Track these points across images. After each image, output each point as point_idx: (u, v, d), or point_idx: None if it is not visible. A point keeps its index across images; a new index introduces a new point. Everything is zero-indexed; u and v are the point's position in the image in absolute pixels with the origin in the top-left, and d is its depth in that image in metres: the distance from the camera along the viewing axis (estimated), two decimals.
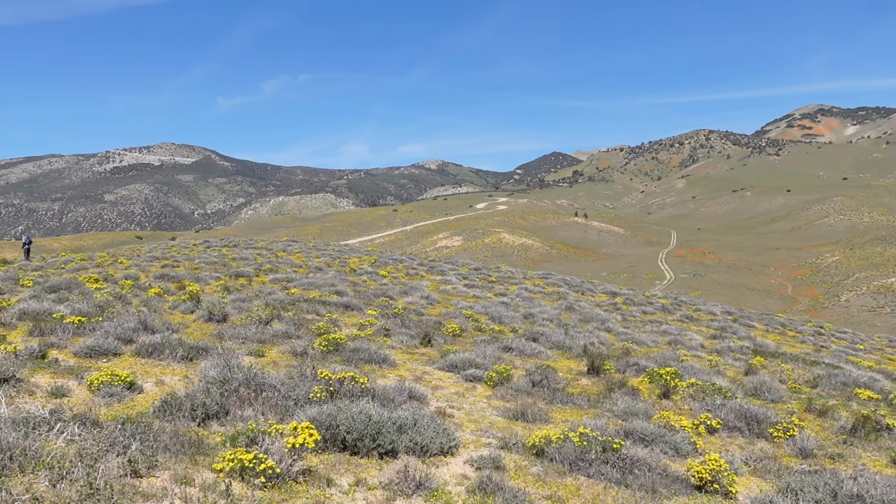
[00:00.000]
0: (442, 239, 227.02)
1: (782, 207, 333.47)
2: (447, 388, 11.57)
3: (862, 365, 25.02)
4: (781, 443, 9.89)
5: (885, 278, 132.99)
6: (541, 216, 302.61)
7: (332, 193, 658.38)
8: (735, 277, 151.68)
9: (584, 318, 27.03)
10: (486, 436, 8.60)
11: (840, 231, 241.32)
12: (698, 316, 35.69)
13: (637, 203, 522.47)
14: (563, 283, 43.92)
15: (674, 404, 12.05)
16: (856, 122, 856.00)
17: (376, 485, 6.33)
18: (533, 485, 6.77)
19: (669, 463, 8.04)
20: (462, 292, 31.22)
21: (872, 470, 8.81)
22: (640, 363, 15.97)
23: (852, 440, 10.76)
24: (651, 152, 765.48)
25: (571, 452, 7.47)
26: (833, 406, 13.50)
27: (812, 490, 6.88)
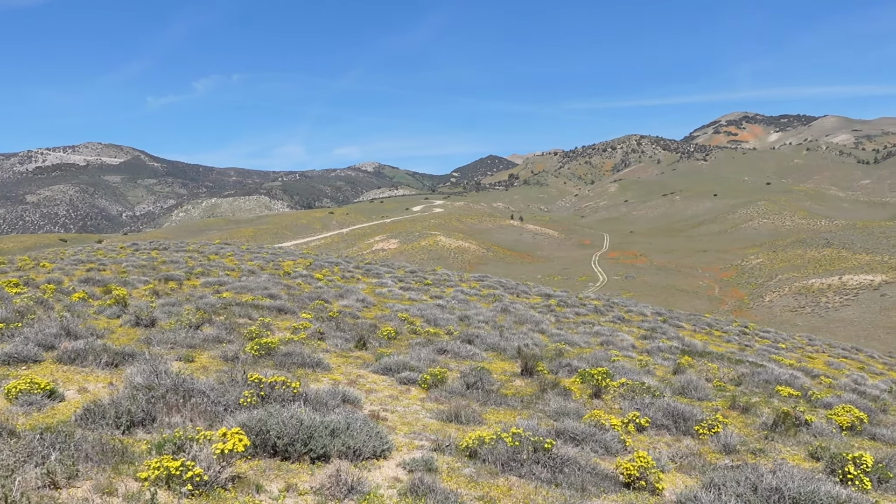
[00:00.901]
0: (378, 242, 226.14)
1: (710, 211, 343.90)
2: (381, 391, 11.53)
3: (783, 363, 25.99)
4: (706, 439, 10.19)
5: (806, 279, 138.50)
6: (477, 219, 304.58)
7: (266, 195, 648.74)
8: (665, 279, 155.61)
9: (519, 319, 27.31)
10: (419, 438, 8.61)
11: (764, 234, 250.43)
12: (630, 317, 36.46)
13: (571, 206, 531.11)
14: (499, 285, 44.29)
15: (604, 404, 12.29)
16: (778, 129, 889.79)
17: (307, 490, 6.26)
18: (465, 486, 6.80)
19: (599, 461, 8.19)
20: (398, 295, 31.16)
21: (791, 464, 9.16)
22: (572, 364, 16.23)
23: (773, 435, 11.15)
24: (585, 156, 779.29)
25: (504, 453, 7.54)
26: (756, 403, 13.98)
27: (734, 485, 7.11)
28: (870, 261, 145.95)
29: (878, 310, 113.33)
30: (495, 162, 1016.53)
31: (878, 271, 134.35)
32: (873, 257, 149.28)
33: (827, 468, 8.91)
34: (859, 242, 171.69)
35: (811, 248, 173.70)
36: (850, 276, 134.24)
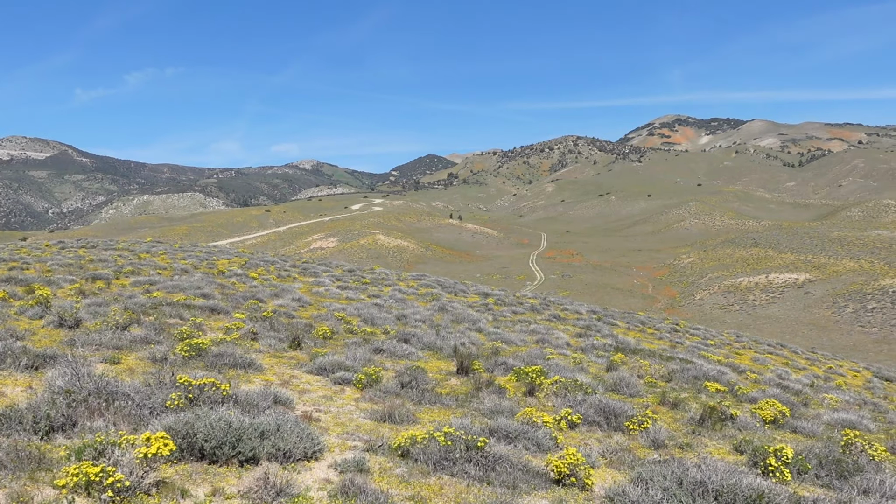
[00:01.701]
0: (316, 240, 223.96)
1: (644, 211, 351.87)
2: (315, 391, 11.40)
3: (712, 359, 26.73)
4: (636, 435, 10.39)
5: (734, 278, 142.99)
6: (416, 218, 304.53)
7: (201, 193, 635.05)
8: (601, 278, 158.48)
9: (457, 318, 27.40)
10: (352, 439, 8.54)
11: (695, 234, 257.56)
12: (565, 315, 36.98)
13: (510, 206, 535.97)
14: (437, 284, 44.36)
15: (538, 401, 12.42)
16: (709, 132, 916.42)
17: (234, 494, 6.13)
18: (396, 486, 6.77)
19: (531, 458, 8.26)
20: (335, 294, 30.90)
21: (716, 457, 9.42)
22: (508, 362, 16.36)
23: (700, 430, 11.45)
24: (523, 156, 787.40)
25: (436, 452, 7.54)
26: (684, 398, 14.34)
27: (661, 479, 7.27)
28: (794, 260, 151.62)
29: (802, 307, 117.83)
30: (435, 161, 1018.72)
31: (802, 270, 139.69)
32: (797, 257, 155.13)
33: (750, 461, 9.19)
34: (785, 242, 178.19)
35: (740, 248, 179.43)
36: (776, 274, 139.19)
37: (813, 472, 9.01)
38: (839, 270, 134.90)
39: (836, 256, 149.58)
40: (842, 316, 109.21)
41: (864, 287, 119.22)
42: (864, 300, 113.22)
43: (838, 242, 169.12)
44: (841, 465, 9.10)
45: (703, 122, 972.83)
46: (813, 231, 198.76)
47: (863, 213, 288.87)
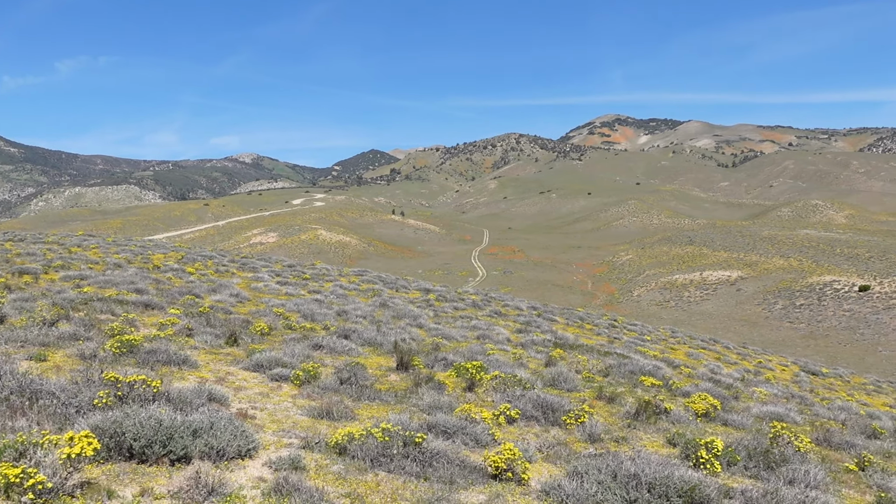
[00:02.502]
0: (256, 235, 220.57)
1: (584, 209, 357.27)
2: (251, 388, 11.20)
3: (648, 354, 27.32)
4: (573, 429, 10.51)
5: (671, 275, 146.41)
6: (358, 213, 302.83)
7: (136, 185, 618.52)
8: (542, 274, 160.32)
9: (398, 314, 27.32)
10: (288, 436, 8.41)
11: (633, 232, 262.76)
12: (506, 311, 37.27)
13: (452, 202, 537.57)
14: (379, 280, 44.18)
15: (477, 397, 12.46)
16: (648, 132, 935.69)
17: (164, 494, 5.96)
18: (332, 483, 6.69)
19: (469, 454, 8.28)
20: (274, 290, 30.47)
21: (649, 451, 9.61)
22: (448, 358, 16.38)
23: (635, 424, 11.66)
24: (466, 153, 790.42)
25: (374, 449, 7.48)
26: (621, 393, 14.59)
27: (595, 472, 7.37)
28: (727, 258, 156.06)
29: (734, 303, 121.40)
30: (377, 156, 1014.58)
31: (735, 268, 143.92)
32: (730, 254, 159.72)
33: (682, 453, 9.40)
34: (718, 241, 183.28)
35: (676, 246, 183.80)
36: (710, 272, 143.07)
37: (742, 464, 9.26)
38: (770, 268, 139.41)
39: (766, 255, 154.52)
40: (772, 312, 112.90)
41: (793, 284, 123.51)
42: (792, 297, 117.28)
43: (769, 241, 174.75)
44: (768, 457, 9.38)
45: (641, 122, 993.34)
46: (745, 230, 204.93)
47: (792, 212, 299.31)
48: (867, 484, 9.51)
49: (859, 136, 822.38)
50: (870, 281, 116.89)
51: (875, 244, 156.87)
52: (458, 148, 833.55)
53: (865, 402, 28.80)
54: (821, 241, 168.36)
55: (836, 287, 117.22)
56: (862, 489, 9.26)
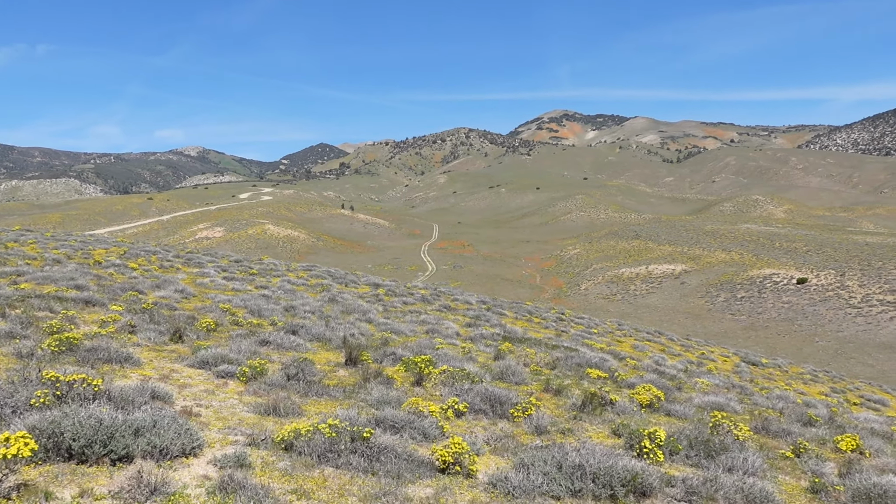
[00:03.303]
0: (202, 230, 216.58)
1: (533, 204, 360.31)
2: (196, 385, 11.02)
3: (595, 347, 27.75)
4: (520, 422, 10.62)
5: (617, 269, 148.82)
6: (307, 208, 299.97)
7: (76, 179, 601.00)
8: (491, 269, 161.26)
9: (347, 309, 27.18)
10: (234, 433, 8.31)
11: (581, 226, 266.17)
12: (455, 305, 37.40)
13: (402, 196, 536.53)
14: (328, 274, 43.86)
15: (426, 391, 12.50)
16: (595, 127, 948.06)
17: (104, 494, 5.84)
18: (278, 480, 6.64)
19: (417, 448, 8.30)
20: (221, 285, 29.99)
21: (595, 441, 9.77)
22: (397, 352, 16.37)
23: (582, 415, 11.84)
24: (415, 147, 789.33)
25: (321, 444, 7.45)
26: (567, 385, 14.79)
27: (542, 464, 7.47)
28: (672, 252, 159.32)
29: (679, 296, 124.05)
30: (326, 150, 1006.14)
31: (679, 261, 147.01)
32: (675, 248, 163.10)
33: (626, 444, 9.59)
34: (663, 235, 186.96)
35: (622, 240, 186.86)
36: (656, 265, 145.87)
37: (683, 453, 9.49)
38: (712, 262, 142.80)
39: (709, 248, 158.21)
40: (714, 305, 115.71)
41: (735, 277, 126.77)
42: (734, 290, 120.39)
43: (712, 235, 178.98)
44: (709, 446, 9.63)
45: (589, 117, 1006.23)
46: (689, 224, 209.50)
47: (734, 207, 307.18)
48: (802, 470, 9.84)
49: (798, 133, 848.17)
50: (807, 274, 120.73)
51: (812, 238, 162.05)
52: (407, 142, 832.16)
53: (802, 391, 29.78)
54: (761, 235, 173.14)
55: (775, 280, 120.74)
56: (797, 475, 9.58)
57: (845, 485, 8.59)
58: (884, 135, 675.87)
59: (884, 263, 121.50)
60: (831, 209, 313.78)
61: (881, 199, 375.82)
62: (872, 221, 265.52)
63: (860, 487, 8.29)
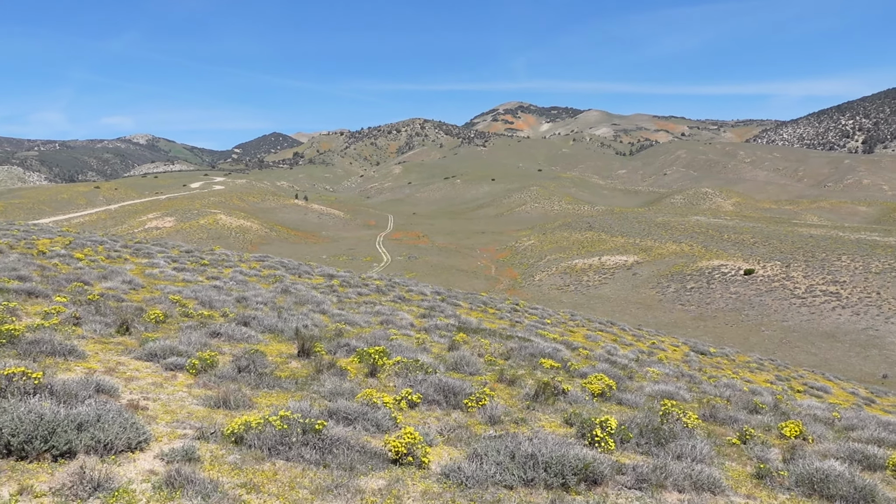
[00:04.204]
0: (152, 220, 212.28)
1: (488, 195, 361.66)
2: (144, 378, 10.77)
3: (548, 337, 27.99)
4: (474, 412, 10.64)
5: (571, 260, 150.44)
6: (260, 197, 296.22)
7: (19, 166, 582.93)
8: (446, 259, 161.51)
9: (300, 300, 26.92)
10: (182, 427, 8.14)
11: (535, 217, 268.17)
12: (410, 296, 37.34)
13: (357, 187, 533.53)
14: (281, 265, 43.38)
15: (379, 382, 12.44)
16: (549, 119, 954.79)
17: (45, 491, 5.65)
18: (228, 474, 6.52)
19: (370, 439, 8.24)
20: (171, 276, 29.42)
21: (547, 431, 9.85)
22: (351, 343, 16.25)
23: (535, 405, 11.91)
24: (370, 138, 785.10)
25: (272, 437, 7.34)
26: (521, 375, 14.88)
27: (495, 454, 7.49)
28: (624, 243, 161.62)
29: (631, 287, 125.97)
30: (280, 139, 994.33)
31: (631, 253, 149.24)
32: (627, 240, 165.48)
33: (578, 433, 9.67)
34: (616, 227, 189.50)
35: (576, 232, 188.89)
36: (608, 257, 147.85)
37: (634, 441, 9.62)
38: (663, 253, 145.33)
39: (660, 240, 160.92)
40: (665, 295, 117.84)
41: (685, 269, 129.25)
42: (684, 281, 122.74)
43: (663, 227, 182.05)
44: (659, 434, 9.78)
45: (543, 109, 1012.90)
46: (641, 216, 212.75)
47: (684, 200, 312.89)
48: (748, 456, 10.06)
49: (746, 127, 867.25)
50: (754, 265, 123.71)
51: (759, 230, 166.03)
52: (362, 132, 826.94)
53: (749, 379, 30.53)
54: (710, 227, 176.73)
55: (723, 271, 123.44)
56: (743, 461, 9.79)
57: (789, 470, 8.80)
58: (827, 130, 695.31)
59: (827, 255, 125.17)
60: (777, 202, 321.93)
61: (825, 193, 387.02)
62: (816, 214, 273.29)
63: (803, 472, 8.51)
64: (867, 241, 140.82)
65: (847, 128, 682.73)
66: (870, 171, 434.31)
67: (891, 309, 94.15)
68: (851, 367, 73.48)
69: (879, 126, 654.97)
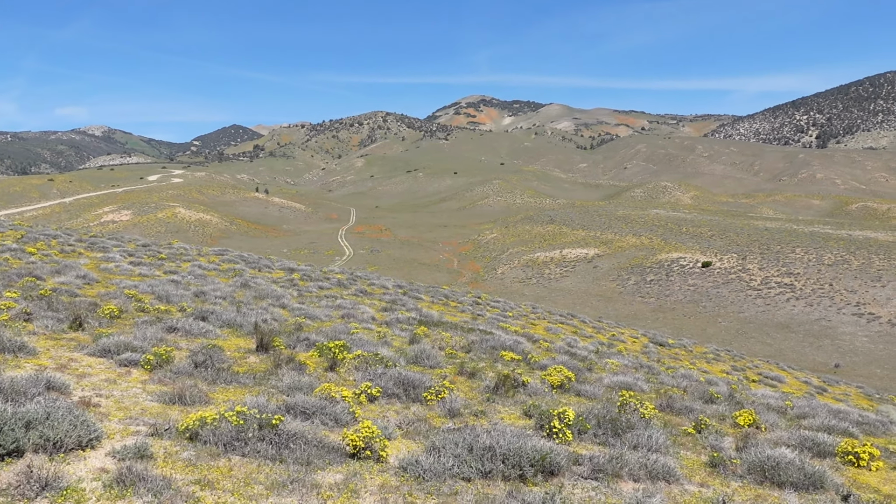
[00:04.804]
0: (108, 213, 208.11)
1: (450, 188, 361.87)
2: (97, 374, 10.56)
3: (510, 330, 28.12)
4: (434, 405, 10.65)
5: (533, 253, 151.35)
6: (220, 191, 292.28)
7: None
8: (409, 253, 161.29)
9: (260, 294, 26.63)
10: (136, 424, 7.99)
11: (497, 211, 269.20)
12: (372, 290, 37.22)
13: (318, 180, 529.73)
14: (241, 259, 42.88)
15: (339, 376, 12.38)
16: (511, 113, 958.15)
17: None
18: (181, 471, 6.43)
19: (328, 434, 8.20)
20: (127, 270, 28.86)
21: (506, 423, 9.90)
22: (311, 338, 16.14)
23: (494, 398, 11.97)
24: (332, 130, 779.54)
25: (227, 433, 7.25)
26: (482, 368, 14.93)
27: (453, 446, 7.50)
28: (585, 236, 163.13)
29: (591, 280, 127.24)
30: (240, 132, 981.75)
31: (592, 245, 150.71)
32: (588, 233, 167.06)
33: (537, 424, 9.75)
34: (577, 219, 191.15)
35: (538, 225, 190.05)
36: (570, 249, 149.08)
37: (592, 432, 9.72)
38: (623, 246, 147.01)
39: (621, 233, 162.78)
40: (625, 287, 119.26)
41: (644, 261, 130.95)
42: (643, 273, 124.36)
43: (623, 220, 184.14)
44: (616, 424, 9.90)
45: (506, 103, 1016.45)
46: (602, 209, 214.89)
47: (644, 193, 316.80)
48: (703, 445, 10.24)
49: (704, 122, 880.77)
50: (712, 258, 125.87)
51: (716, 223, 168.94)
52: (324, 125, 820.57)
53: (706, 369, 31.09)
54: (669, 220, 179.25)
55: (682, 263, 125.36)
56: (698, 450, 9.96)
57: (741, 458, 8.99)
58: (783, 125, 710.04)
59: (781, 247, 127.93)
60: (734, 196, 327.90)
61: (780, 187, 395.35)
62: (772, 208, 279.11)
63: (755, 460, 8.69)
64: (820, 233, 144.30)
65: (801, 123, 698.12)
66: (823, 165, 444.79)
67: (843, 300, 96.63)
68: (805, 356, 75.30)
69: (832, 121, 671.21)
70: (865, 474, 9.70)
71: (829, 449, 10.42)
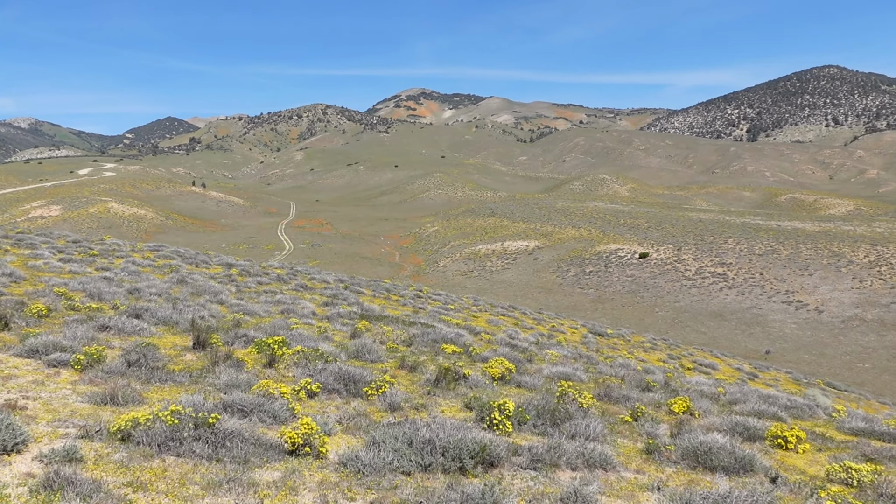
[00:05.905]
0: (36, 208, 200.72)
1: (391, 182, 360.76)
2: (24, 376, 10.19)
3: (451, 322, 28.25)
4: (374, 399, 10.62)
5: (474, 246, 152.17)
6: (155, 185, 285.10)
7: None
8: (350, 247, 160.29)
9: (197, 290, 26.10)
10: (65, 426, 7.74)
11: (439, 204, 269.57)
12: (313, 284, 36.86)
13: (257, 174, 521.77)
14: (177, 255, 41.92)
15: (278, 372, 12.23)
16: (452, 106, 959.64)
17: None
18: (113, 473, 6.26)
19: (267, 431, 8.10)
20: (56, 268, 27.91)
21: (447, 416, 9.94)
22: (249, 334, 15.91)
23: (435, 391, 12.00)
24: (271, 123, 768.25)
25: (161, 433, 7.09)
26: (423, 361, 14.95)
27: (393, 440, 7.50)
28: (526, 228, 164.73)
29: (532, 272, 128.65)
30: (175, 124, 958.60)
31: (532, 238, 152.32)
32: (528, 225, 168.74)
33: (477, 416, 9.81)
34: (518, 212, 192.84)
35: (479, 217, 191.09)
36: (511, 242, 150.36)
37: (531, 423, 9.84)
38: (563, 238, 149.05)
39: (560, 225, 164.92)
40: (565, 279, 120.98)
41: (584, 253, 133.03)
42: (583, 265, 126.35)
43: (562, 212, 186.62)
44: (555, 415, 10.04)
45: (446, 96, 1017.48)
46: (542, 202, 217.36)
47: (583, 186, 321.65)
48: (639, 432, 10.48)
49: (640, 115, 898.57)
50: (648, 249, 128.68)
51: (653, 215, 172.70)
52: (262, 117, 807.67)
53: (643, 358, 31.80)
54: (607, 212, 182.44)
55: (620, 255, 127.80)
56: (634, 438, 10.19)
57: (676, 444, 9.23)
58: (715, 119, 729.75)
59: (715, 238, 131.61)
60: (670, 188, 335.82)
61: (713, 179, 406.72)
62: (705, 199, 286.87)
63: (688, 446, 8.94)
64: (751, 224, 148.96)
65: (733, 117, 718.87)
66: (753, 158, 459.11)
67: (773, 289, 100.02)
68: (737, 344, 77.76)
69: (762, 115, 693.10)
70: (793, 457, 10.08)
71: (759, 433, 10.79)
